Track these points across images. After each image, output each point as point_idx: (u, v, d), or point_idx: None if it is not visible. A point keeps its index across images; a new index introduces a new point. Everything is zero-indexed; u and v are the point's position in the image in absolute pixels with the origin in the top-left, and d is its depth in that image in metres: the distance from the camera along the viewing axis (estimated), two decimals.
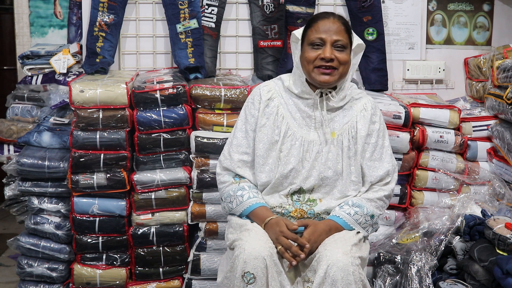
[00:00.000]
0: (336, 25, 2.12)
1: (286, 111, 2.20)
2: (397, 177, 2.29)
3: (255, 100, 2.23)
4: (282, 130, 2.18)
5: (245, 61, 3.24)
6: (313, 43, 2.12)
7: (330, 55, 2.09)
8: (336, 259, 1.92)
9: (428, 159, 2.96)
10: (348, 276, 1.90)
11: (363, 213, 2.14)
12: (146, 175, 2.83)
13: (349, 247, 1.98)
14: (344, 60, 2.11)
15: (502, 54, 3.09)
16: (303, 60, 2.15)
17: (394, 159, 2.26)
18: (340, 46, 2.11)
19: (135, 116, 2.79)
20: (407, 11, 3.31)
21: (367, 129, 2.19)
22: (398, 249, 2.70)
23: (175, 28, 3.08)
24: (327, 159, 2.16)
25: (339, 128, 2.19)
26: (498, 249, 2.36)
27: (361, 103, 2.22)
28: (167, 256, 2.89)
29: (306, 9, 3.16)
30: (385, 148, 2.23)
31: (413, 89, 3.37)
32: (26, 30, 3.87)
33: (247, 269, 1.93)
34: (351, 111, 2.21)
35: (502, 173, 2.97)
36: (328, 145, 2.17)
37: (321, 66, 2.10)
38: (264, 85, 2.27)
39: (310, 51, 2.12)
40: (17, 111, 3.13)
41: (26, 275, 2.90)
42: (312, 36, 2.12)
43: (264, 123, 2.20)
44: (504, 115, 2.92)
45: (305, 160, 2.16)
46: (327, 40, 2.10)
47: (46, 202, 2.88)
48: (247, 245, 1.96)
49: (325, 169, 2.16)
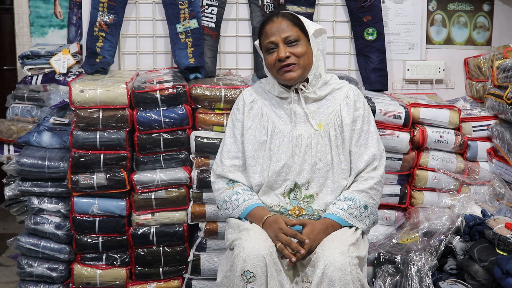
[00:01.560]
0: (282, 23, 2.18)
1: (270, 111, 2.26)
2: (385, 162, 2.27)
3: (239, 105, 2.32)
4: (269, 129, 2.22)
5: (245, 61, 3.24)
6: (267, 48, 2.20)
7: (284, 54, 2.15)
8: (333, 259, 1.93)
9: (428, 159, 2.96)
10: (345, 276, 1.91)
11: (356, 205, 2.14)
12: (146, 175, 2.83)
13: (346, 247, 1.98)
14: (300, 52, 2.16)
15: (502, 54, 3.09)
16: (267, 67, 2.24)
17: (381, 144, 2.26)
18: (293, 41, 2.17)
19: (135, 116, 2.79)
20: (407, 11, 3.31)
21: (351, 116, 2.22)
22: (398, 249, 2.70)
23: (175, 28, 3.08)
24: (317, 151, 2.19)
25: (325, 118, 2.22)
26: (498, 249, 2.36)
27: (343, 92, 2.25)
28: (167, 256, 2.89)
29: (306, 9, 3.16)
30: (370, 134, 2.23)
31: (413, 89, 3.37)
32: (26, 30, 3.87)
33: (246, 267, 1.94)
34: (334, 101, 2.24)
35: (502, 173, 2.97)
36: (316, 137, 2.20)
37: (281, 67, 2.16)
38: (246, 90, 2.36)
39: (268, 57, 2.20)
40: (17, 111, 3.13)
41: (26, 275, 2.90)
42: (265, 43, 2.21)
43: (250, 125, 2.26)
44: (504, 115, 2.92)
45: (296, 155, 2.19)
46: (278, 40, 2.17)
47: (46, 202, 2.88)
48: (246, 244, 1.97)
49: (315, 161, 2.18)
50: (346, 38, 3.28)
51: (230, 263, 1.99)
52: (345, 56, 3.28)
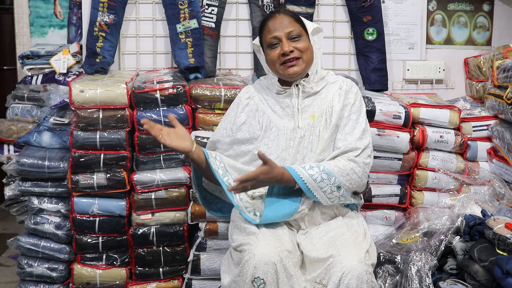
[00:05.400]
0: (284, 19, 2.22)
1: (266, 107, 2.31)
2: (372, 153, 2.24)
3: (234, 103, 2.37)
4: (264, 124, 2.27)
5: (245, 61, 3.24)
6: (270, 44, 2.23)
7: (288, 48, 2.19)
8: (351, 267, 1.92)
9: (428, 159, 2.96)
10: (362, 284, 1.91)
11: (330, 182, 2.10)
12: (146, 175, 2.83)
13: (363, 254, 1.97)
14: (303, 47, 2.21)
15: (502, 54, 3.09)
16: (269, 63, 2.27)
17: (369, 136, 2.23)
18: (296, 36, 2.21)
19: (135, 116, 2.79)
20: (407, 11, 3.31)
21: (341, 104, 2.24)
22: (398, 249, 2.70)
23: (175, 28, 3.08)
24: (310, 142, 2.22)
25: (318, 110, 2.25)
26: (498, 249, 2.36)
27: (337, 85, 2.29)
28: (167, 256, 2.89)
29: (306, 9, 3.16)
30: (358, 124, 2.22)
31: (413, 89, 3.37)
32: (26, 30, 3.87)
33: (257, 274, 1.93)
34: (328, 94, 2.28)
35: (502, 173, 2.97)
36: (310, 128, 2.23)
37: (285, 61, 2.20)
38: (244, 88, 2.41)
39: (271, 52, 2.23)
40: (17, 111, 3.13)
41: (26, 275, 2.90)
42: (267, 38, 2.24)
43: (244, 120, 2.30)
44: (504, 115, 2.92)
45: (290, 147, 2.23)
46: (281, 35, 2.20)
47: (46, 202, 2.88)
48: (256, 250, 1.95)
49: (307, 152, 2.21)
50: (346, 38, 3.28)
51: (240, 269, 1.97)
52: (345, 56, 3.29)
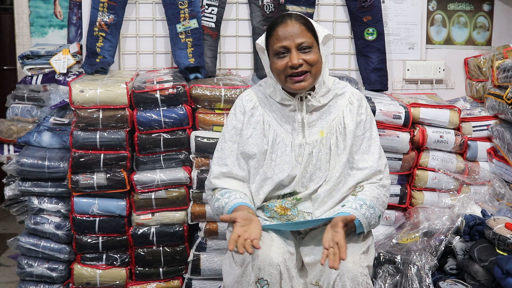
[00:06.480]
0: (295, 27, 2.02)
1: (271, 119, 2.14)
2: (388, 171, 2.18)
3: (237, 112, 2.17)
4: (270, 138, 2.13)
5: (245, 61, 3.24)
6: (277, 52, 2.03)
7: (297, 62, 2.00)
8: (346, 269, 1.90)
9: (428, 159, 2.96)
10: (357, 286, 1.89)
11: (376, 215, 2.06)
12: (146, 175, 2.83)
13: (358, 256, 1.95)
14: (313, 60, 2.02)
15: (502, 54, 3.09)
16: (274, 71, 2.07)
17: (382, 151, 2.16)
18: (306, 48, 2.02)
19: (135, 116, 2.79)
20: (407, 11, 3.31)
21: (355, 123, 2.12)
22: (398, 249, 2.70)
23: (175, 28, 3.08)
24: (318, 159, 2.11)
25: (327, 125, 2.13)
26: (498, 249, 2.36)
27: (346, 97, 2.15)
28: (167, 256, 2.89)
29: (306, 9, 3.16)
30: (373, 140, 2.14)
31: (413, 89, 3.37)
32: (26, 30, 3.87)
33: (261, 275, 1.92)
34: (337, 107, 2.14)
35: (502, 173, 2.97)
36: (318, 145, 2.12)
37: (292, 74, 2.02)
38: (245, 94, 2.20)
39: (277, 61, 2.03)
40: (17, 111, 3.13)
41: (26, 275, 2.90)
42: (275, 46, 2.03)
43: (251, 134, 2.13)
44: (504, 115, 2.92)
45: (298, 164, 2.11)
46: (291, 46, 2.01)
47: (46, 202, 2.88)
48: (260, 252, 1.92)
49: (315, 170, 2.11)
50: (346, 38, 3.28)
51: (243, 269, 1.96)
52: (345, 56, 3.29)
